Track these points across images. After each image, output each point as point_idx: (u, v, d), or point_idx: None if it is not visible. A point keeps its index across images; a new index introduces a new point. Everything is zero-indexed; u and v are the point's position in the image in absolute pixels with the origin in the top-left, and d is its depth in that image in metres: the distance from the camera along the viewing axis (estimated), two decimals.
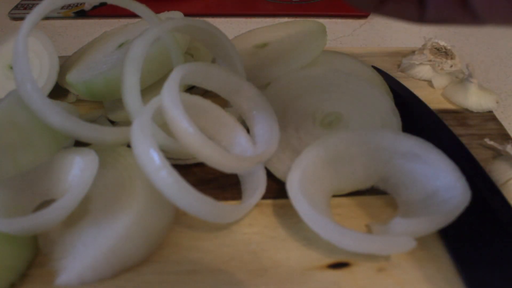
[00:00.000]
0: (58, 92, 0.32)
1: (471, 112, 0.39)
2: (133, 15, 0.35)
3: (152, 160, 0.25)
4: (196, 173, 0.32)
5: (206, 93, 0.34)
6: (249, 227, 0.29)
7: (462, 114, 0.39)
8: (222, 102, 0.34)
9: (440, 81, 0.42)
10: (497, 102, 0.39)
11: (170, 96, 0.26)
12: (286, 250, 0.28)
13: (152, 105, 0.27)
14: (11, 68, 0.39)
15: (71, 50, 0.45)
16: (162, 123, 0.28)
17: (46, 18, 0.54)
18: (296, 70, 0.38)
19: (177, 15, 0.43)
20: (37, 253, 0.27)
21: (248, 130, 0.33)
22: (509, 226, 0.28)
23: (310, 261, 0.27)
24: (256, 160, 0.29)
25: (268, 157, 0.30)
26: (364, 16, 0.58)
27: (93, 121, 0.36)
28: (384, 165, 0.30)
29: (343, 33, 0.55)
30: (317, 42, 0.40)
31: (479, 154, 0.34)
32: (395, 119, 0.34)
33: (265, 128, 0.32)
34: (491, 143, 0.35)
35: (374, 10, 0.20)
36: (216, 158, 0.27)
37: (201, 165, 0.30)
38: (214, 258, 0.27)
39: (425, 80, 0.43)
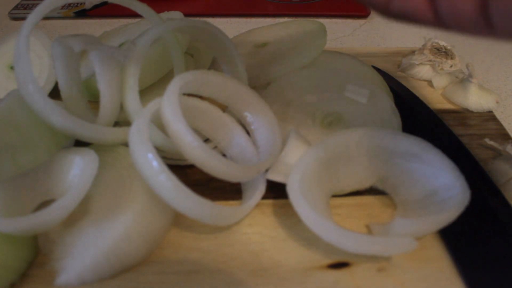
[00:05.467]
0: (58, 92, 0.32)
1: (471, 112, 0.39)
2: (133, 15, 0.35)
3: (150, 165, 0.25)
4: (196, 173, 0.32)
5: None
6: (249, 227, 0.29)
7: (462, 114, 0.39)
8: (222, 105, 0.34)
9: (440, 81, 0.42)
10: (497, 102, 0.39)
11: (171, 110, 0.26)
12: (286, 250, 0.28)
13: (150, 109, 0.27)
14: (12, 68, 0.39)
15: None
16: (161, 123, 0.28)
17: (46, 18, 0.54)
18: (296, 70, 0.38)
19: (177, 15, 0.43)
20: (37, 253, 0.27)
21: (248, 132, 0.33)
22: (509, 226, 0.28)
23: (310, 261, 0.27)
24: (261, 168, 0.29)
25: (273, 162, 0.30)
26: (364, 16, 0.58)
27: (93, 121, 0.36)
28: (383, 165, 0.30)
29: (343, 33, 0.55)
30: (317, 42, 0.40)
31: (479, 154, 0.34)
32: (395, 119, 0.34)
33: (267, 133, 0.32)
34: (491, 143, 0.35)
35: None
36: (223, 170, 0.27)
37: None
38: (214, 258, 0.27)
39: (425, 80, 0.43)
